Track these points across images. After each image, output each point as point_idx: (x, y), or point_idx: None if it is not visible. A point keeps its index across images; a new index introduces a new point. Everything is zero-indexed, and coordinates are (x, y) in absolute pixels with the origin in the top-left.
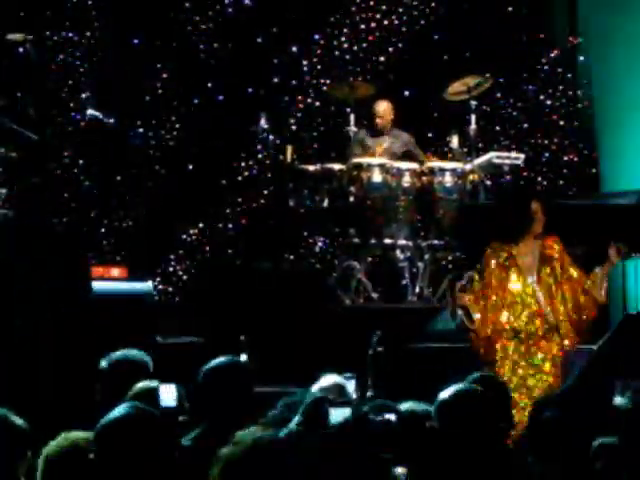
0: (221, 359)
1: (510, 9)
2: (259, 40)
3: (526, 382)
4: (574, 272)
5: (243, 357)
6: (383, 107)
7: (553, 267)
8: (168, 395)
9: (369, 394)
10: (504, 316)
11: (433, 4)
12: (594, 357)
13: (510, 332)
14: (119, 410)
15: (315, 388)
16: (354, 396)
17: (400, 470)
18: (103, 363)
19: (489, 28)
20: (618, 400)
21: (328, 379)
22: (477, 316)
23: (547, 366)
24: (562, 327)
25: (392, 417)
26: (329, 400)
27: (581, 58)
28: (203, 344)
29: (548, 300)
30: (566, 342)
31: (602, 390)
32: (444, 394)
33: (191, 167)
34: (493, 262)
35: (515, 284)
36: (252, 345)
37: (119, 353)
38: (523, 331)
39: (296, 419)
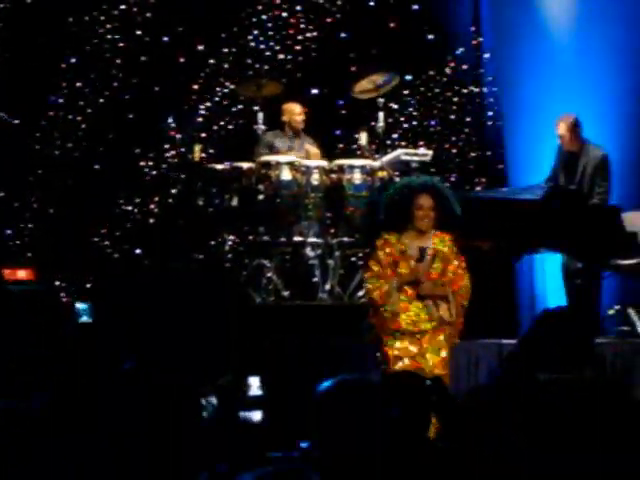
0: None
1: (416, 7)
2: (165, 39)
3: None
4: (454, 276)
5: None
6: (299, 108)
7: (439, 264)
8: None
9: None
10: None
11: (339, 2)
12: (514, 352)
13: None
14: None
15: None
16: (260, 393)
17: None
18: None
19: (395, 26)
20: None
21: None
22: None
23: (435, 359)
24: (446, 321)
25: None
26: None
27: (486, 55)
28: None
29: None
30: (451, 335)
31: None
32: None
33: (98, 166)
34: (381, 253)
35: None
36: (165, 343)
37: None
38: (411, 324)
39: None
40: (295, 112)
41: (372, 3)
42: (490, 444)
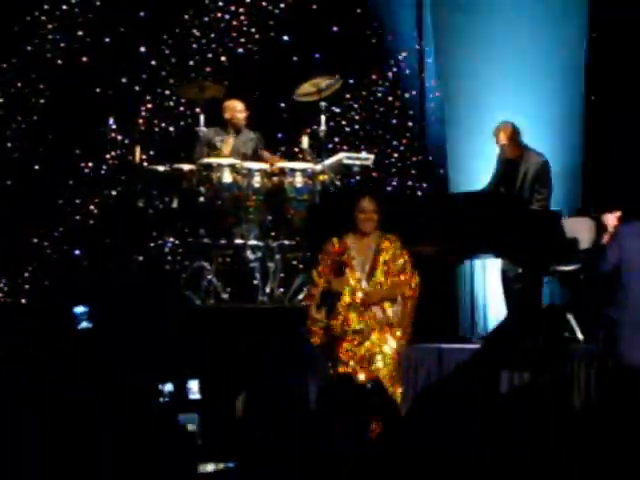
0: None
1: (359, 11)
2: (107, 40)
3: (357, 378)
4: (401, 276)
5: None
6: (241, 106)
7: (385, 265)
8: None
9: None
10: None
11: (282, 5)
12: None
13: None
14: None
15: None
16: (198, 397)
17: None
18: None
19: (338, 29)
20: None
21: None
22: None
23: (379, 363)
24: (394, 323)
25: None
26: None
27: (429, 60)
28: None
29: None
30: (399, 337)
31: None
32: None
33: (38, 167)
34: (326, 257)
35: (348, 279)
36: (103, 345)
37: None
38: (352, 327)
39: None
40: (237, 109)
41: (315, 6)
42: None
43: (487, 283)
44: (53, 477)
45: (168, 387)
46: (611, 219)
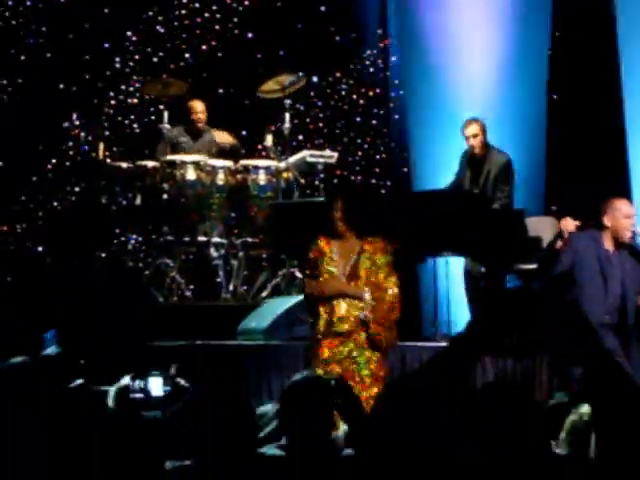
0: None
1: (323, 8)
2: (71, 36)
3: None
4: (381, 276)
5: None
6: (200, 106)
7: (365, 266)
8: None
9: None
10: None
11: (246, 2)
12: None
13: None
14: None
15: None
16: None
17: None
18: None
19: (303, 27)
20: None
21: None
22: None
23: (361, 366)
24: (371, 326)
25: None
26: None
27: (393, 58)
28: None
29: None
30: (378, 338)
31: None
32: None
33: (1, 163)
34: (311, 256)
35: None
36: (64, 342)
37: None
38: (334, 328)
39: None
40: (197, 110)
41: (279, 3)
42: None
43: (450, 281)
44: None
45: (138, 383)
46: (571, 226)
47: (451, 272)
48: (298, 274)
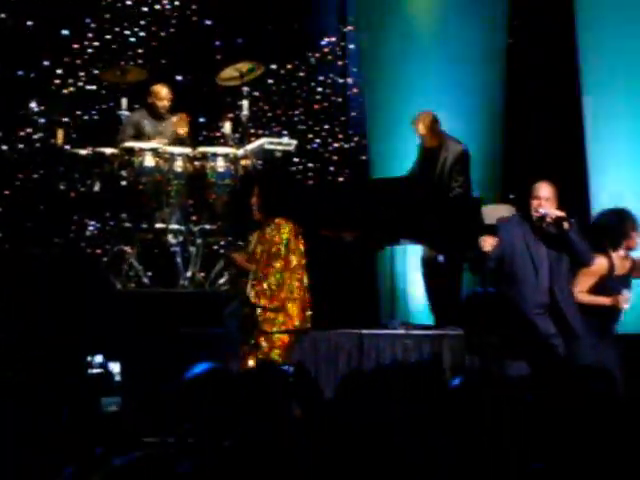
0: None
1: None
2: (29, 23)
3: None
4: (293, 260)
5: None
6: (165, 91)
7: (267, 250)
8: None
9: None
10: None
11: None
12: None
13: None
14: None
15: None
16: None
17: None
18: None
19: (261, 14)
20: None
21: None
22: None
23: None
24: (288, 307)
25: None
26: None
27: (351, 46)
28: None
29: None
30: (295, 322)
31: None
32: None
33: None
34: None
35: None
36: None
37: None
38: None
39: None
40: (161, 95)
41: None
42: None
43: (408, 269)
44: None
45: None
46: (487, 245)
47: (409, 259)
48: None
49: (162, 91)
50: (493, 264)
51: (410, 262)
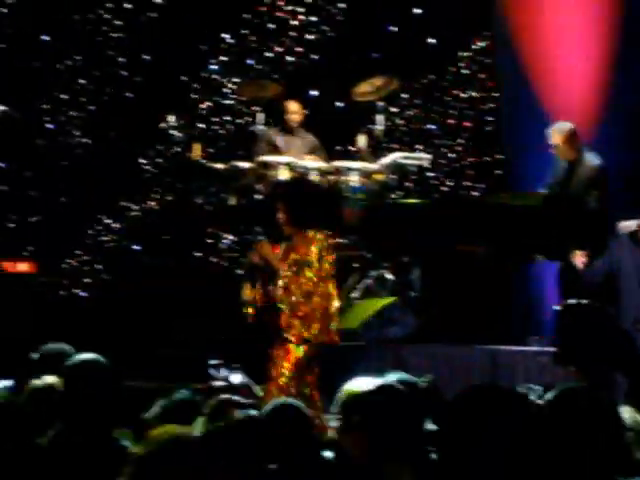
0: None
1: (418, 11)
2: (167, 38)
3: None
4: (322, 271)
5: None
6: (296, 106)
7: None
8: None
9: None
10: None
11: (341, 4)
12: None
13: None
14: None
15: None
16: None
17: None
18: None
19: (397, 29)
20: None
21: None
22: None
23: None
24: (308, 320)
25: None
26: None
27: (488, 60)
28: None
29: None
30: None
31: None
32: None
33: (100, 163)
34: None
35: None
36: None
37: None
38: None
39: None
40: (290, 110)
41: (373, 6)
42: None
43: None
44: None
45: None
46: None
47: (545, 275)
48: (389, 275)
49: (293, 106)
50: (593, 278)
51: (546, 277)
